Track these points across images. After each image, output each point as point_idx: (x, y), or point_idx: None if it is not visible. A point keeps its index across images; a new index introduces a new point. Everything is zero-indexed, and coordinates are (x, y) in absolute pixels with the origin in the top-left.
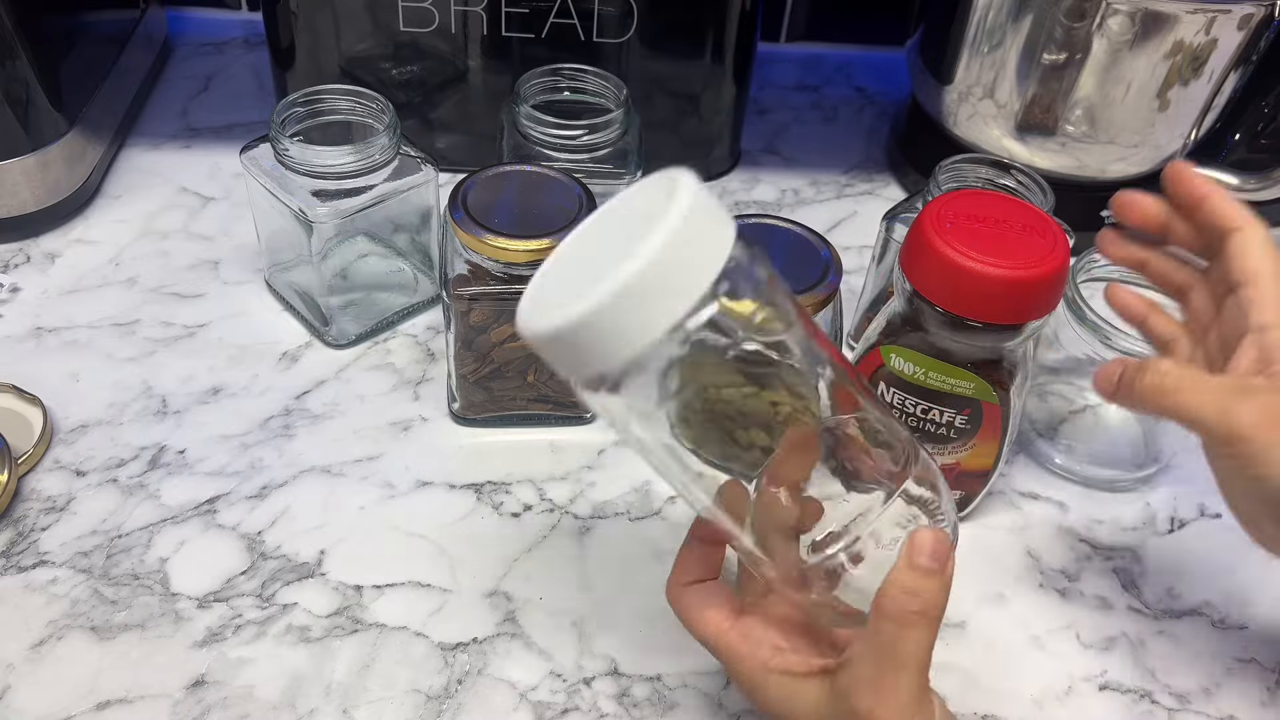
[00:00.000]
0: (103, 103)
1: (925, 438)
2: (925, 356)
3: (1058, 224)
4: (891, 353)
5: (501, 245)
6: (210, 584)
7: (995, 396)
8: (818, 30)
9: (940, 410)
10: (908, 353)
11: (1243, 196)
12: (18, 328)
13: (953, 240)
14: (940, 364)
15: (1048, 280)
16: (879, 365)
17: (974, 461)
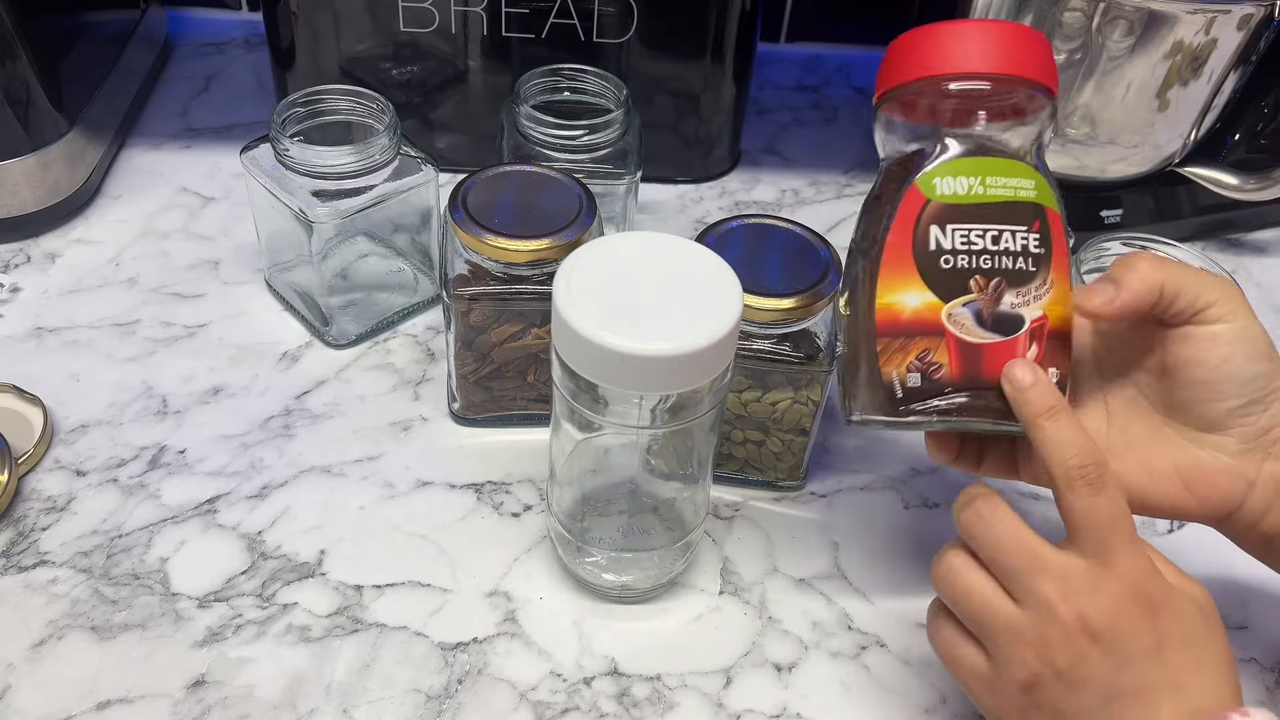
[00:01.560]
0: (103, 103)
1: (1008, 282)
2: (977, 159)
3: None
4: (934, 178)
5: (501, 245)
6: (210, 584)
7: (1055, 201)
8: (818, 30)
9: (1013, 231)
10: (954, 165)
11: (1243, 196)
12: (18, 328)
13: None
14: (996, 160)
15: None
16: (922, 206)
17: (1056, 311)
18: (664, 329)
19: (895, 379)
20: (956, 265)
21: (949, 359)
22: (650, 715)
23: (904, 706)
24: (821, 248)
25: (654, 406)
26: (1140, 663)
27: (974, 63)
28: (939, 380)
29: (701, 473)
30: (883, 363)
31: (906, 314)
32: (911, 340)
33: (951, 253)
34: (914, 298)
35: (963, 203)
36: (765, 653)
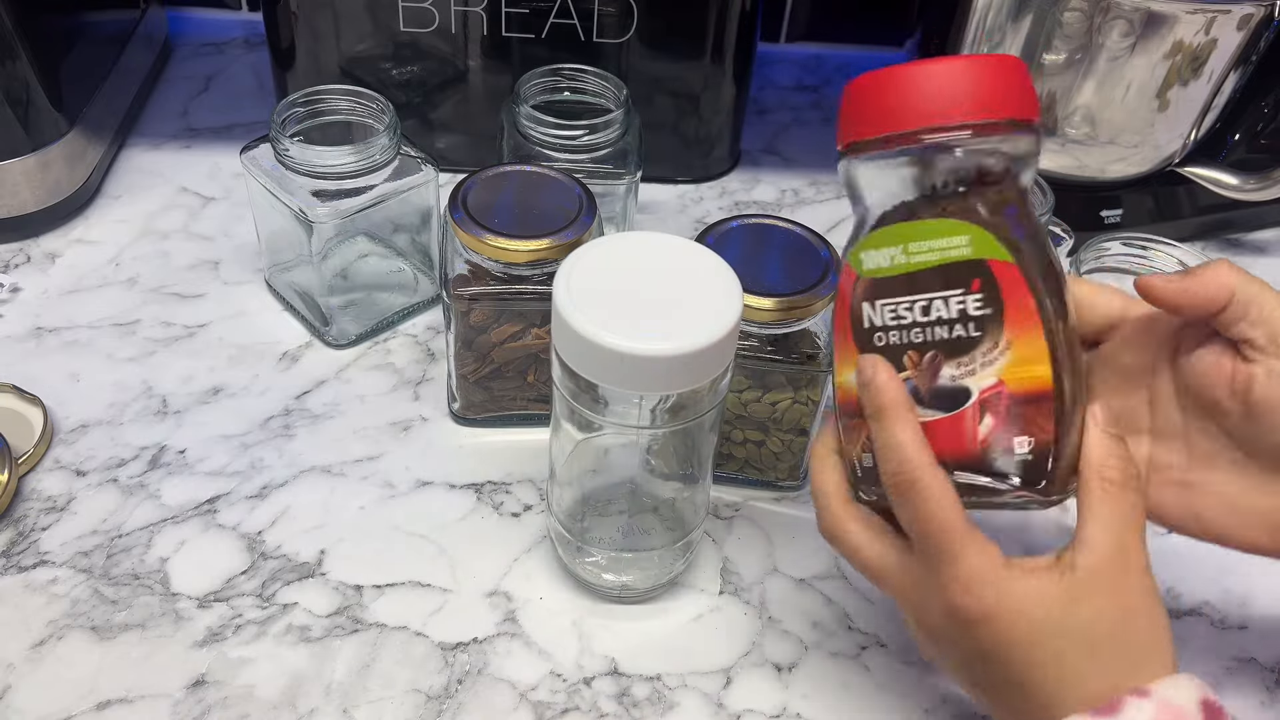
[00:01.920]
0: (103, 103)
1: (947, 355)
2: (897, 227)
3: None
4: (861, 252)
5: (501, 245)
6: (210, 584)
7: (1004, 249)
8: (818, 30)
9: (945, 298)
10: (877, 237)
11: (1243, 196)
12: (18, 328)
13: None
14: (916, 225)
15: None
16: (853, 283)
17: (1021, 374)
18: (664, 329)
19: (854, 459)
20: (889, 342)
21: None
22: (650, 715)
23: (904, 706)
24: (821, 248)
25: (654, 406)
26: (976, 665)
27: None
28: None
29: (701, 473)
30: (846, 443)
31: (854, 394)
32: (862, 420)
33: (883, 329)
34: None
35: (889, 275)
36: (765, 653)
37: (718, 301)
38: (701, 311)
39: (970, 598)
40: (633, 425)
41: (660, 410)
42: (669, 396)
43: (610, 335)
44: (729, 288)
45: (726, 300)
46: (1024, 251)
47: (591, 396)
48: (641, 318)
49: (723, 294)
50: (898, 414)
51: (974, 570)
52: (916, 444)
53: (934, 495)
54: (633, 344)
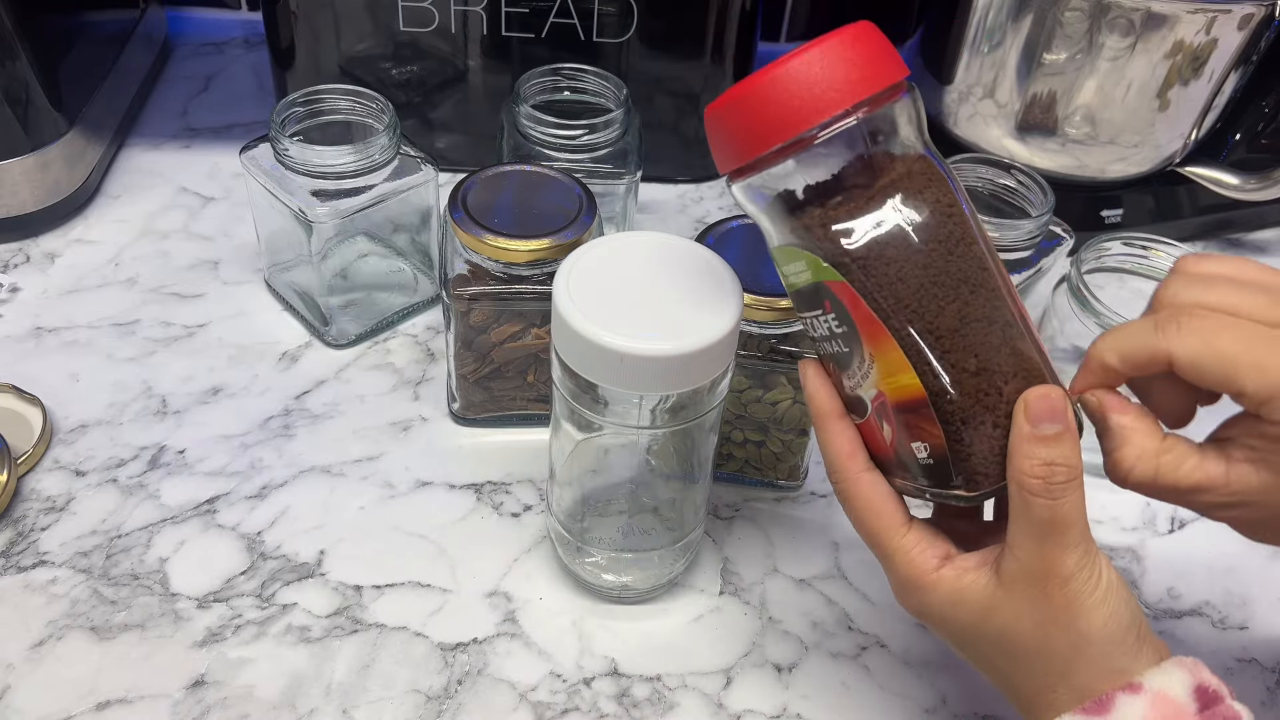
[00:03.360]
0: (103, 103)
1: (836, 366)
2: (773, 251)
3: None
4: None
5: (501, 245)
6: (210, 584)
7: (833, 270)
8: (818, 30)
9: (812, 317)
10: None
11: (1243, 196)
12: (18, 328)
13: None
14: (778, 250)
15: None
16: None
17: (893, 384)
18: (664, 329)
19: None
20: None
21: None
22: (650, 715)
23: (904, 706)
24: None
25: (654, 406)
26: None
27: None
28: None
29: (701, 473)
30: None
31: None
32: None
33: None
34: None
35: (791, 291)
36: (765, 653)
37: (718, 301)
38: (701, 311)
39: (906, 599)
40: (633, 425)
41: (660, 410)
42: (669, 396)
43: (610, 335)
44: (729, 288)
45: (726, 300)
46: (855, 267)
47: (591, 396)
48: (641, 318)
49: (723, 294)
50: (826, 422)
51: (907, 574)
52: (845, 451)
53: (863, 501)
54: (633, 344)
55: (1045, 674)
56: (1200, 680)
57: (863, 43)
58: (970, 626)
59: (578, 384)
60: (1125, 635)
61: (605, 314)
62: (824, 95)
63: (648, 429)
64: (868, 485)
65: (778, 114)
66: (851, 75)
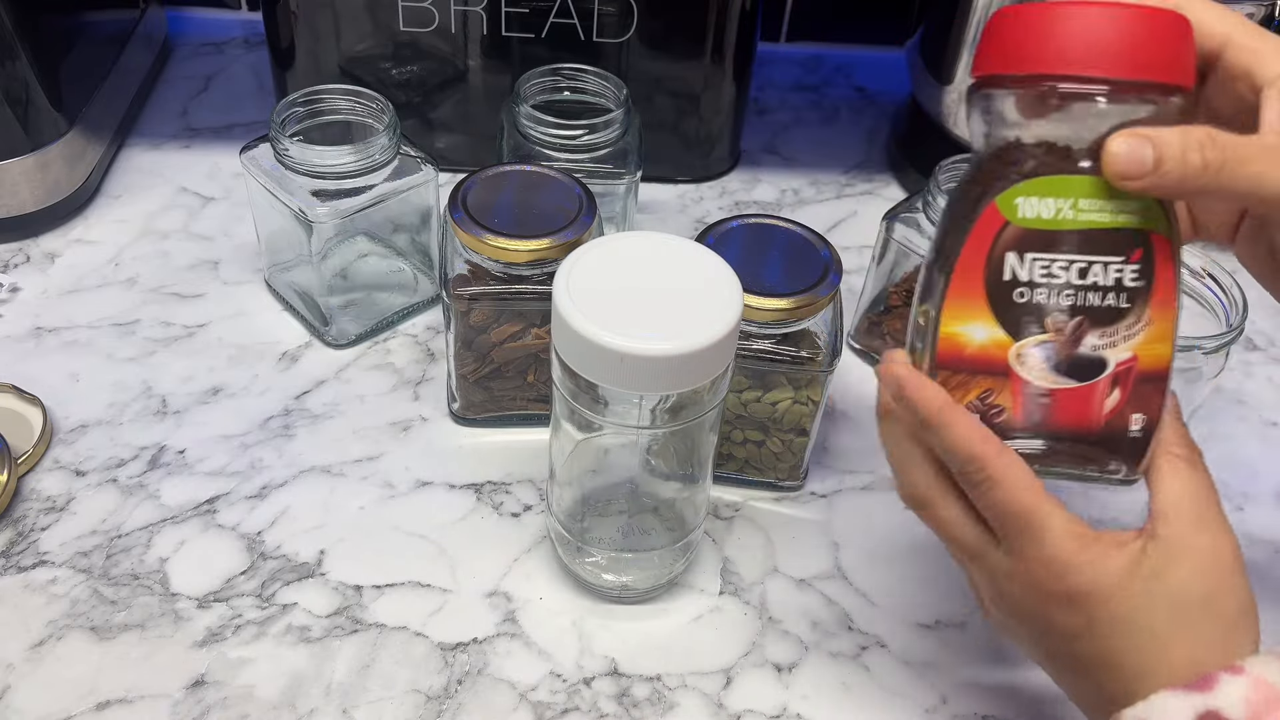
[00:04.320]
0: (103, 103)
1: (1093, 323)
2: (1069, 179)
3: None
4: (1017, 196)
5: (501, 245)
6: (210, 584)
7: (1166, 224)
8: (818, 30)
9: (1105, 263)
10: (1044, 184)
11: None
12: (18, 328)
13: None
14: (1092, 181)
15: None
16: (1000, 229)
17: (1151, 351)
18: (664, 329)
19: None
20: (1033, 300)
21: (1012, 403)
22: (650, 715)
23: (904, 706)
24: (821, 248)
25: (654, 406)
26: (1061, 644)
27: (1095, 63)
28: (999, 424)
29: (701, 473)
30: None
31: (971, 348)
32: (974, 378)
33: (1028, 286)
34: (981, 331)
35: (1048, 228)
36: (765, 653)
37: (718, 301)
38: (701, 311)
39: (1061, 581)
40: (633, 425)
41: (660, 410)
42: (669, 396)
43: (610, 335)
44: (729, 288)
45: (726, 300)
46: (1175, 228)
47: (591, 396)
48: (641, 318)
49: (723, 294)
50: (949, 417)
51: (1061, 552)
52: (978, 438)
53: (1009, 482)
54: (633, 344)
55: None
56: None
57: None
58: (1144, 593)
59: (578, 384)
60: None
61: (605, 314)
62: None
63: (648, 429)
64: (1010, 461)
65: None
66: None
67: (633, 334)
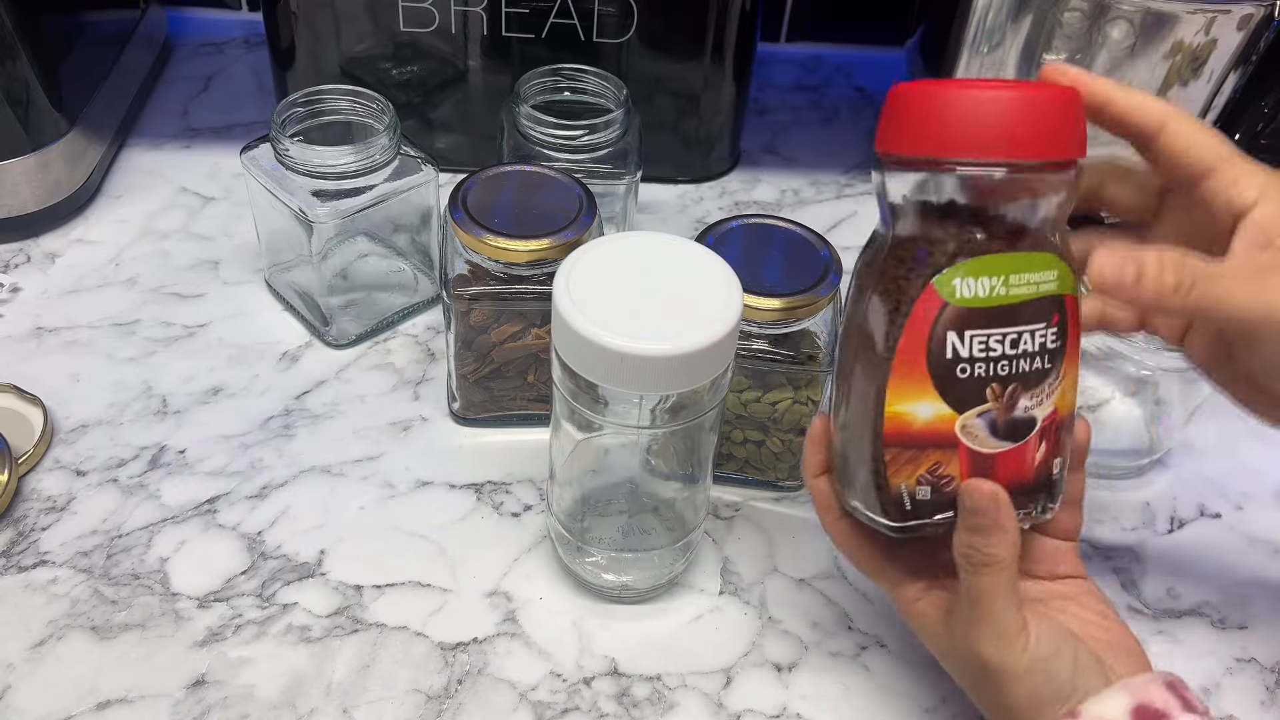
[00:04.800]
0: (103, 103)
1: (1024, 387)
2: (999, 258)
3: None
4: (955, 277)
5: (501, 245)
6: (210, 584)
7: (1074, 283)
8: (818, 30)
9: (1032, 331)
10: (976, 265)
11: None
12: (18, 328)
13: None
14: (1016, 257)
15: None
16: (939, 310)
17: (1065, 401)
18: (664, 329)
19: (904, 491)
20: (973, 374)
21: (959, 471)
22: (650, 715)
23: (904, 707)
24: (821, 248)
25: (654, 406)
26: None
27: (994, 145)
28: (949, 493)
29: (701, 473)
30: (891, 473)
31: (918, 425)
32: (923, 452)
33: (969, 361)
34: (926, 409)
35: (983, 306)
36: (765, 653)
37: (718, 301)
38: (701, 311)
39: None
40: (633, 425)
41: (660, 410)
42: (669, 396)
43: (610, 335)
44: (729, 288)
45: (726, 300)
46: (1078, 280)
47: (591, 396)
48: (641, 318)
49: (723, 294)
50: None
51: (895, 603)
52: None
53: (846, 544)
54: (633, 344)
55: (994, 712)
56: (1142, 700)
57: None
58: (939, 658)
59: (578, 384)
60: (1047, 706)
61: (605, 314)
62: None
63: (648, 429)
64: (845, 529)
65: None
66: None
67: (633, 334)
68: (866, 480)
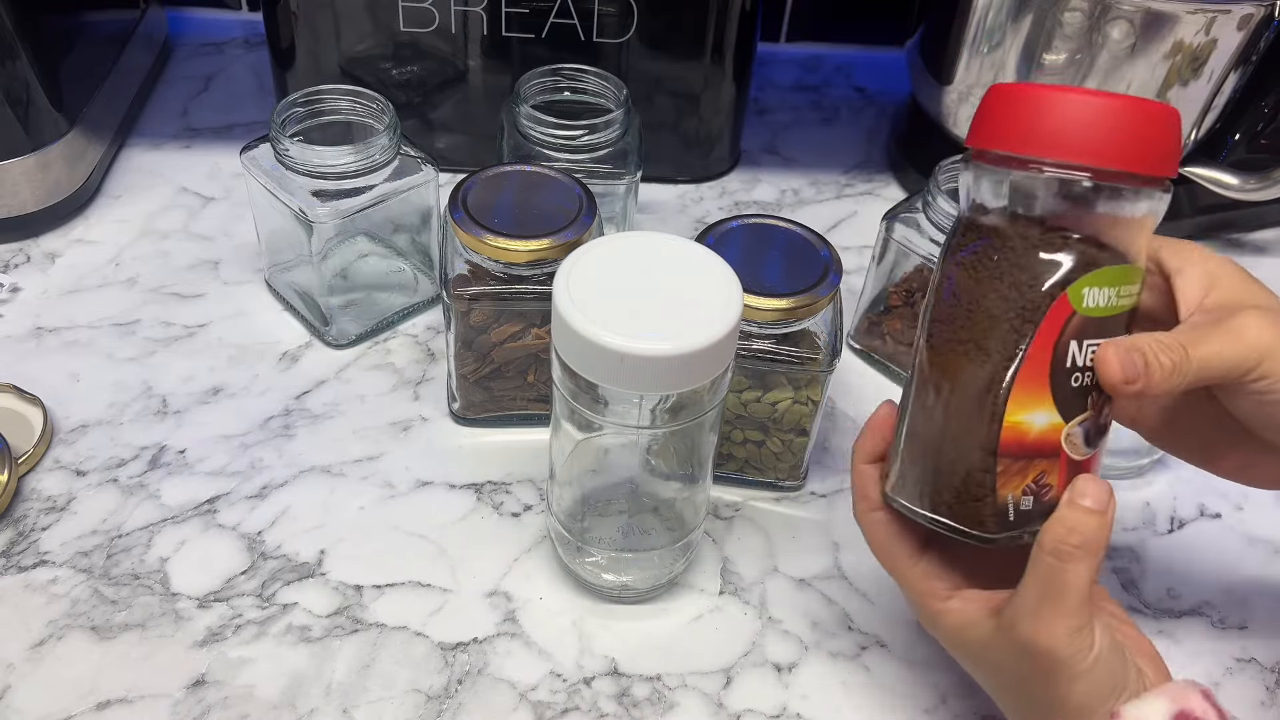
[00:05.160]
0: (103, 103)
1: (1102, 397)
2: (1117, 269)
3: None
4: (1085, 287)
5: (501, 245)
6: (210, 584)
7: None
8: (818, 30)
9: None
10: (1105, 275)
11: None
12: (18, 328)
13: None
14: (1125, 269)
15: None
16: (1067, 319)
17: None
18: (664, 329)
19: (1010, 501)
20: (1082, 384)
21: (1057, 480)
22: (650, 715)
23: (904, 706)
24: (821, 248)
25: (654, 406)
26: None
27: (1130, 157)
28: (1049, 502)
29: (701, 473)
30: (1000, 484)
31: (1033, 434)
32: (1031, 462)
33: (1081, 371)
34: (1042, 418)
35: (1098, 315)
36: (765, 653)
37: (718, 301)
38: (701, 311)
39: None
40: (633, 425)
41: (660, 410)
42: (669, 396)
43: (610, 335)
44: (729, 288)
45: (726, 300)
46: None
47: (591, 396)
48: (641, 318)
49: (723, 294)
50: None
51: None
52: (858, 493)
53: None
54: (633, 344)
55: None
56: (1183, 707)
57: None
58: (969, 656)
59: (578, 384)
60: (1102, 704)
61: (605, 314)
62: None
63: (648, 429)
64: (878, 523)
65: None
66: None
67: (633, 334)
68: (961, 489)
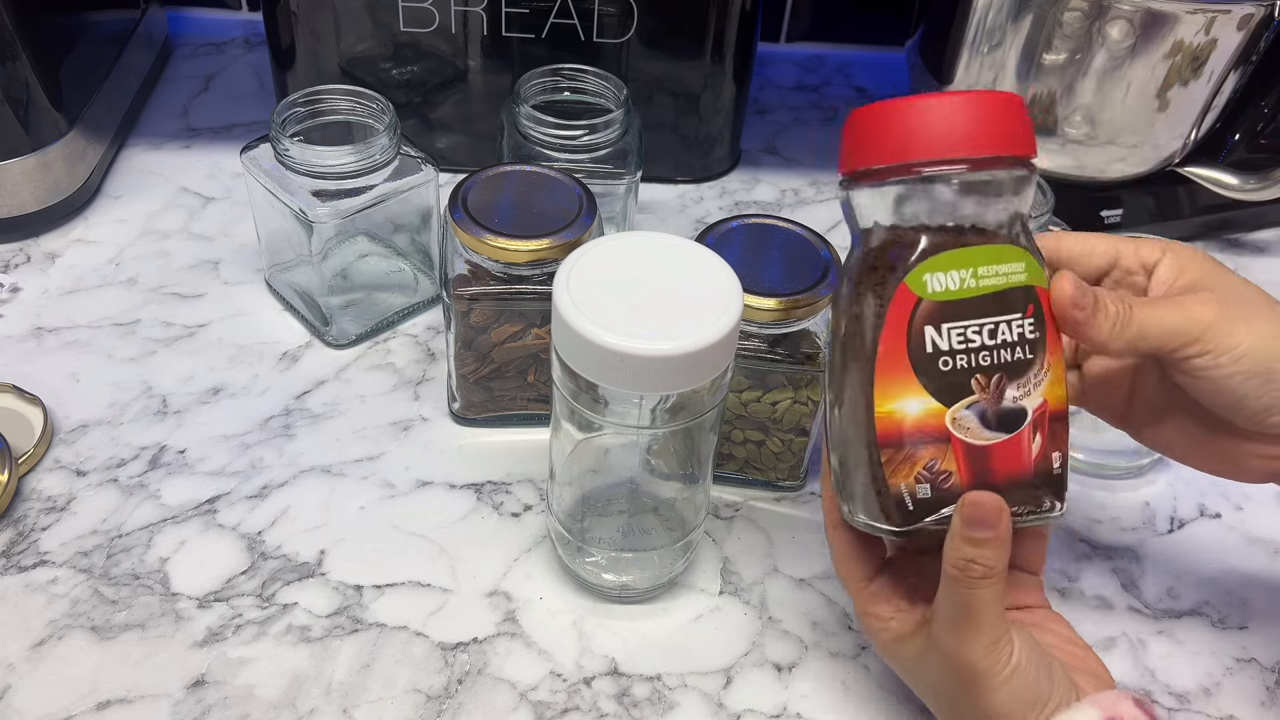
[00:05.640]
0: (103, 103)
1: (1009, 377)
2: (965, 251)
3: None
4: (924, 274)
5: (501, 245)
6: (210, 584)
7: (1044, 278)
8: (818, 30)
9: (1009, 321)
10: (943, 259)
11: (1243, 196)
12: (18, 328)
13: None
14: (982, 250)
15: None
16: (914, 306)
17: (1054, 394)
18: (664, 329)
19: (904, 491)
20: (956, 366)
21: (957, 466)
22: (650, 715)
23: (904, 706)
24: (821, 248)
25: (654, 406)
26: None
27: (949, 145)
28: (950, 489)
29: (701, 473)
30: (889, 474)
31: (909, 422)
32: (917, 450)
33: (950, 354)
34: (915, 404)
35: (955, 298)
36: (765, 653)
37: (718, 301)
38: (701, 311)
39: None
40: (633, 425)
41: (660, 410)
42: (669, 396)
43: (610, 335)
44: (729, 288)
45: (726, 300)
46: (1047, 278)
47: (591, 396)
48: (641, 318)
49: (723, 294)
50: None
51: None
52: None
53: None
54: (633, 344)
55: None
56: (1111, 715)
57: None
58: (905, 670)
59: (578, 384)
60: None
61: (605, 314)
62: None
63: (648, 429)
64: (839, 541)
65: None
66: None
67: (633, 334)
68: (865, 486)
